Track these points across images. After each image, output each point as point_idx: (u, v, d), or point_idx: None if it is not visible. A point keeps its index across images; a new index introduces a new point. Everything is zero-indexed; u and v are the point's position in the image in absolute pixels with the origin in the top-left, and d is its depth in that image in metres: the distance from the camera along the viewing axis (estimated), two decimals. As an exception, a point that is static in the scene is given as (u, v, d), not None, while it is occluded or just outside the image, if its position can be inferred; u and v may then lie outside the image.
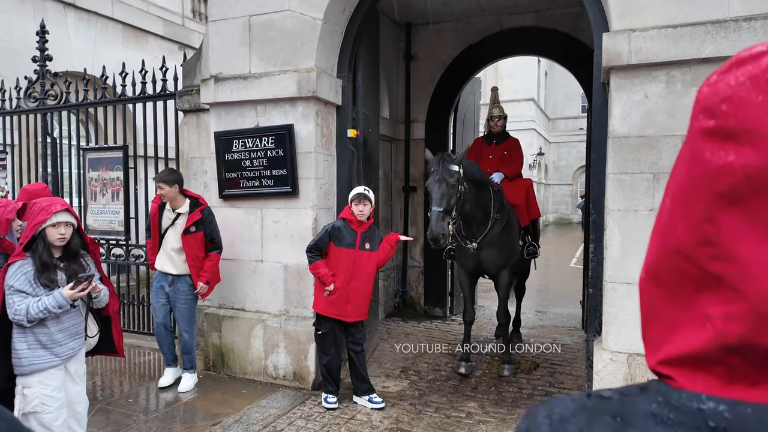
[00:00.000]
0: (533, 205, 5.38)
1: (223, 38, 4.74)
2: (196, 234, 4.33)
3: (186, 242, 4.31)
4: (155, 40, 10.86)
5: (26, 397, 2.70)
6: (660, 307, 0.43)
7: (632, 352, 3.42)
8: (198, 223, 4.33)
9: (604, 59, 3.40)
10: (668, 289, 0.42)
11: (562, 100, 31.28)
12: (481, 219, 4.63)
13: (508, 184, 5.36)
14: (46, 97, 6.42)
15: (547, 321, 7.14)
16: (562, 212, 31.51)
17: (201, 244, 4.37)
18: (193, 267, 4.36)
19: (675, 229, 0.41)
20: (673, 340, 0.42)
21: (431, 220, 4.10)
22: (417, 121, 7.24)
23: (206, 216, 4.39)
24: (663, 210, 0.43)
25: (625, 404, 0.42)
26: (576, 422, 0.43)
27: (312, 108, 4.43)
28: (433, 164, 4.24)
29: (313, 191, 4.46)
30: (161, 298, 4.47)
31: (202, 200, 4.50)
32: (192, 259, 4.34)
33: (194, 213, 4.33)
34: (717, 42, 3.12)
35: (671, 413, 0.39)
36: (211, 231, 4.40)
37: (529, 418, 0.47)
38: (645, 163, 3.36)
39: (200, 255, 4.36)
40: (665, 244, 0.42)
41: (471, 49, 6.94)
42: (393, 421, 3.83)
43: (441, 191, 4.12)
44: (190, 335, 4.54)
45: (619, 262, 3.44)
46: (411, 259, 7.38)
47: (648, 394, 0.42)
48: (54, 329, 2.75)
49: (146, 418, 3.93)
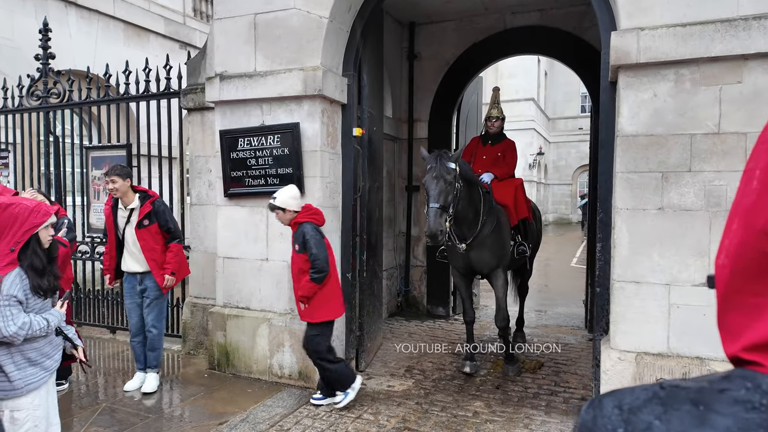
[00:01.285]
0: (521, 205, 5.34)
1: (228, 36, 4.72)
2: (149, 227, 4.24)
3: (140, 236, 4.23)
4: (156, 38, 10.84)
5: (17, 421, 2.44)
6: (742, 292, 0.42)
7: (641, 351, 3.41)
8: (150, 215, 4.25)
9: (612, 58, 3.39)
10: (752, 273, 0.41)
11: (562, 100, 31.30)
12: (471, 220, 4.61)
13: (498, 183, 5.31)
14: (48, 95, 6.40)
15: (550, 320, 7.14)
16: (562, 212, 31.52)
17: (157, 237, 4.28)
18: (150, 260, 4.24)
19: (764, 212, 0.40)
20: (758, 326, 0.41)
21: (429, 216, 4.10)
22: (420, 120, 7.23)
23: (157, 207, 4.30)
24: (747, 193, 0.43)
25: (707, 392, 0.41)
26: (650, 411, 0.42)
27: (318, 106, 4.42)
28: (430, 161, 4.24)
29: (318, 190, 4.45)
30: (135, 299, 4.38)
31: (151, 192, 4.43)
32: (148, 252, 4.23)
33: (145, 206, 4.25)
34: (726, 41, 3.11)
35: (764, 399, 0.38)
36: (165, 221, 4.30)
37: (594, 409, 0.46)
38: (653, 162, 3.35)
39: (156, 247, 4.26)
40: (751, 227, 0.41)
41: (474, 48, 6.93)
42: (400, 420, 3.83)
43: (438, 188, 4.12)
44: (158, 332, 4.42)
45: (627, 261, 3.43)
46: (414, 258, 7.37)
47: (733, 381, 0.41)
48: (43, 342, 2.54)
49: (152, 417, 3.92)
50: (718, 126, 3.21)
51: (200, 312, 5.32)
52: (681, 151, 3.29)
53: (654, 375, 3.35)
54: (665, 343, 3.36)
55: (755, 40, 3.05)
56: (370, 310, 5.04)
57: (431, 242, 4.17)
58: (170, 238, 4.35)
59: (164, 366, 5.18)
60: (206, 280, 5.34)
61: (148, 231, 4.25)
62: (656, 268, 3.36)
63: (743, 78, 3.15)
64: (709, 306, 3.24)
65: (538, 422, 3.81)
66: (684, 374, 3.28)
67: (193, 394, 4.36)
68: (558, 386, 4.55)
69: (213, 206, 5.18)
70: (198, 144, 5.43)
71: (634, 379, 3.39)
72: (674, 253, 3.32)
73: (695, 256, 3.27)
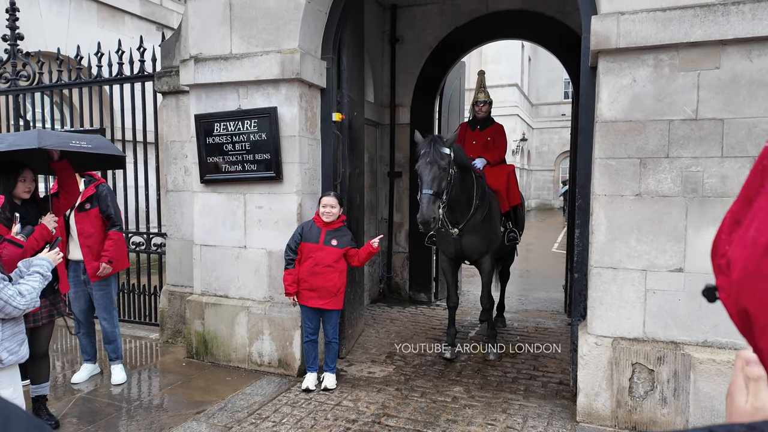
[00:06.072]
0: (514, 191, 5.36)
1: (203, 17, 4.58)
2: (90, 210, 4.05)
3: (78, 220, 4.02)
4: (132, 20, 10.52)
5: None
6: None
7: (617, 336, 3.44)
8: (92, 199, 4.07)
9: (593, 42, 3.36)
10: None
11: (545, 85, 31.37)
12: (464, 205, 4.60)
13: (490, 169, 5.34)
14: (17, 78, 6.18)
15: (530, 305, 7.21)
16: (544, 198, 31.79)
17: (95, 221, 4.08)
18: (84, 246, 4.02)
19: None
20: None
21: (422, 203, 4.04)
22: (402, 105, 7.16)
23: (101, 191, 4.12)
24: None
25: None
26: None
27: (296, 90, 4.33)
28: (424, 146, 4.17)
29: (297, 176, 4.38)
30: (80, 287, 4.19)
31: (97, 176, 4.25)
32: (83, 238, 4.01)
33: (88, 188, 4.08)
34: (705, 26, 3.10)
35: None
36: (107, 207, 4.10)
37: None
38: (632, 147, 3.35)
39: (92, 232, 4.06)
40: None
41: (457, 31, 6.85)
42: (379, 407, 3.83)
43: (432, 174, 4.06)
44: (109, 323, 4.24)
45: (605, 247, 3.45)
46: (396, 244, 7.35)
47: None
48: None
49: (129, 407, 3.86)
50: (696, 112, 3.21)
51: (178, 300, 5.24)
52: (659, 137, 3.29)
53: (629, 360, 3.38)
54: (641, 328, 3.39)
55: (733, 25, 3.04)
56: (351, 297, 5.01)
57: (423, 229, 4.11)
58: (110, 225, 4.12)
59: (141, 355, 5.11)
60: (183, 267, 5.25)
61: (87, 215, 4.05)
62: (633, 254, 3.38)
63: (721, 63, 3.15)
64: (683, 291, 3.27)
65: (516, 407, 3.84)
66: (659, 358, 3.32)
67: (171, 383, 4.30)
68: (537, 371, 4.60)
69: (189, 192, 5.07)
70: (173, 128, 5.29)
71: (610, 364, 3.43)
72: (651, 239, 3.34)
73: (672, 242, 3.29)
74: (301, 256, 4.07)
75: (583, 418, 3.52)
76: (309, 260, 4.02)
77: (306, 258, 4.04)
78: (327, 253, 4.00)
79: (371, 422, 3.58)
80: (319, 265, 3.99)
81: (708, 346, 3.26)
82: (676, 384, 3.29)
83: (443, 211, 4.19)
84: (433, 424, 3.56)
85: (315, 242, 4.02)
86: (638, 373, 3.37)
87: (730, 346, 3.20)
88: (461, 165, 4.39)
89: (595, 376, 3.47)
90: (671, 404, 3.31)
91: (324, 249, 4.00)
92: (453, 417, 3.67)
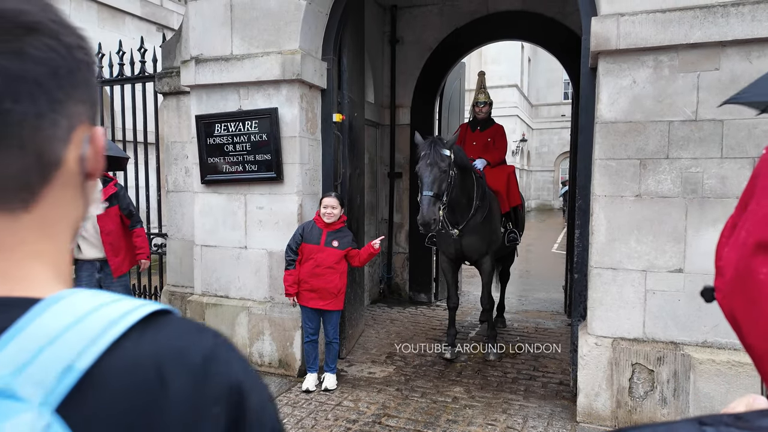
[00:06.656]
0: (514, 192, 5.37)
1: (204, 18, 4.59)
2: (110, 209, 4.15)
3: (100, 218, 4.11)
4: (132, 20, 10.54)
5: None
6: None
7: (617, 336, 3.45)
8: (111, 197, 4.17)
9: (593, 44, 3.37)
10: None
11: (544, 86, 31.39)
12: (464, 206, 4.61)
13: (490, 170, 5.35)
14: (18, 78, 6.18)
15: (530, 306, 7.21)
16: (544, 198, 31.80)
17: (114, 219, 4.18)
18: (106, 243, 4.11)
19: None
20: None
21: (422, 204, 4.05)
22: (402, 106, 7.17)
23: (120, 190, 4.26)
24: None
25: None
26: None
27: (296, 91, 4.33)
28: (424, 148, 4.18)
29: (297, 176, 4.39)
30: (92, 287, 4.24)
31: (110, 176, 4.35)
32: (105, 235, 4.09)
33: (108, 187, 4.15)
34: (705, 27, 3.11)
35: None
36: (127, 204, 4.25)
37: None
38: (632, 148, 3.36)
39: (113, 229, 4.15)
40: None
41: (457, 32, 6.86)
42: (380, 407, 3.83)
43: (432, 175, 4.07)
44: None
45: (604, 248, 3.45)
46: (396, 245, 7.36)
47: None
48: None
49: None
50: (696, 113, 3.22)
51: (178, 300, 5.25)
52: (659, 138, 3.30)
53: (629, 360, 3.39)
54: (641, 328, 3.40)
55: (733, 26, 3.05)
56: (351, 297, 5.01)
57: (424, 230, 4.13)
58: (133, 222, 4.26)
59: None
60: (184, 268, 5.26)
61: (107, 214, 4.14)
62: (633, 254, 3.39)
63: (721, 65, 3.16)
64: (683, 292, 3.28)
65: (516, 407, 3.85)
66: (659, 359, 3.33)
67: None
68: (537, 371, 4.60)
69: (190, 193, 5.08)
70: (174, 129, 5.30)
71: (610, 364, 3.43)
72: (651, 239, 3.35)
73: (672, 243, 3.30)
74: (301, 256, 4.08)
75: (583, 418, 3.53)
76: (310, 261, 4.02)
77: (307, 259, 4.04)
78: (328, 255, 4.01)
79: (372, 422, 3.58)
80: (320, 266, 4.00)
81: (708, 346, 3.27)
82: (675, 384, 3.30)
83: (443, 212, 4.20)
84: (434, 424, 3.57)
85: (316, 243, 4.02)
86: (638, 373, 3.38)
87: (730, 347, 3.21)
88: (461, 166, 4.40)
89: (595, 377, 3.48)
90: (671, 404, 3.32)
91: (325, 250, 4.01)
92: (453, 417, 3.68)
